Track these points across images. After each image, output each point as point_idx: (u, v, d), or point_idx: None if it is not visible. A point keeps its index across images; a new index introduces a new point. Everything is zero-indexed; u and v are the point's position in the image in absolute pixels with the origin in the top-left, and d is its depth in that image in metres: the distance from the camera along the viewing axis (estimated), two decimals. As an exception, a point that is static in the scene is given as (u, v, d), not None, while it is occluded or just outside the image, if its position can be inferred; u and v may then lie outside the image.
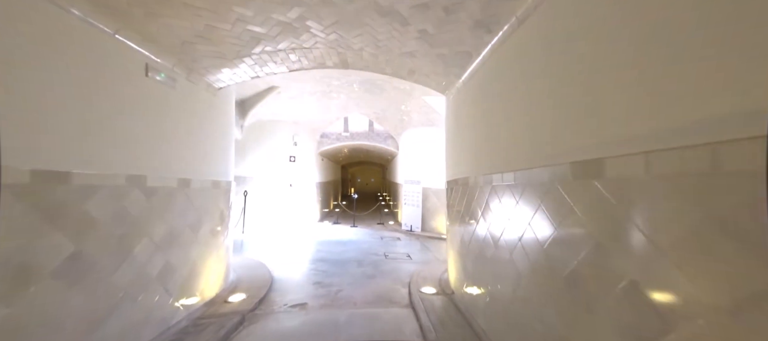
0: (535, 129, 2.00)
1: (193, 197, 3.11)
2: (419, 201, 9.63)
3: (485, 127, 2.83)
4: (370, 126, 11.59)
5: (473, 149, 3.17)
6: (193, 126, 3.21)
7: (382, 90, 7.79)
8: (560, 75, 1.71)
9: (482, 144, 2.90)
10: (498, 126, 2.56)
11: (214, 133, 3.70)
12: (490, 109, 2.75)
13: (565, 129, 1.67)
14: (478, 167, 2.99)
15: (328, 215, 12.99)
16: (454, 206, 3.91)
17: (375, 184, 26.27)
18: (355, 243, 7.63)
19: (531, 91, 2.05)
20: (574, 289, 1.55)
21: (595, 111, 1.44)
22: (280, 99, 8.32)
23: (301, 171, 10.08)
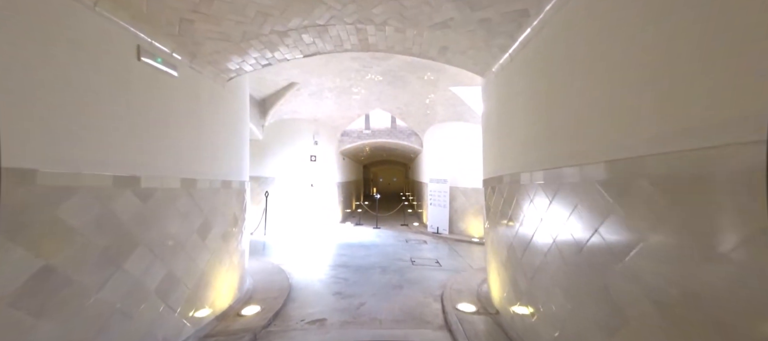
0: (631, 106, 1.37)
1: (199, 199, 2.78)
2: (446, 202, 8.95)
3: (548, 110, 2.19)
4: (392, 122, 11.08)
5: (527, 138, 2.54)
6: (199, 120, 2.89)
7: (404, 82, 7.24)
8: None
9: (543, 131, 2.27)
10: (568, 106, 1.92)
11: (224, 128, 3.38)
12: (553, 85, 2.12)
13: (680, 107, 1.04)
14: (536, 160, 2.36)
15: (350, 216, 12.68)
16: (497, 208, 3.27)
17: (398, 184, 25.76)
18: (378, 247, 7.15)
19: (626, 54, 1.42)
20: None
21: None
22: (299, 96, 8.06)
23: (322, 171, 9.81)
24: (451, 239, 8.43)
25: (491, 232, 3.54)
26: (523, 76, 2.61)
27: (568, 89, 1.91)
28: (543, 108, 2.24)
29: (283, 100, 7.96)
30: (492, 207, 3.48)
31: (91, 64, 1.80)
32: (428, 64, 5.89)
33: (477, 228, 8.71)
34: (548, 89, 2.17)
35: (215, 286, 3.05)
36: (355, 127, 11.12)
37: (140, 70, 2.17)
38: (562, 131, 1.97)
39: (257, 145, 8.78)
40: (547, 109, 2.18)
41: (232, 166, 3.57)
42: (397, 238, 8.38)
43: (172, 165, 2.48)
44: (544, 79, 2.23)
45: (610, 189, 1.52)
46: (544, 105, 2.22)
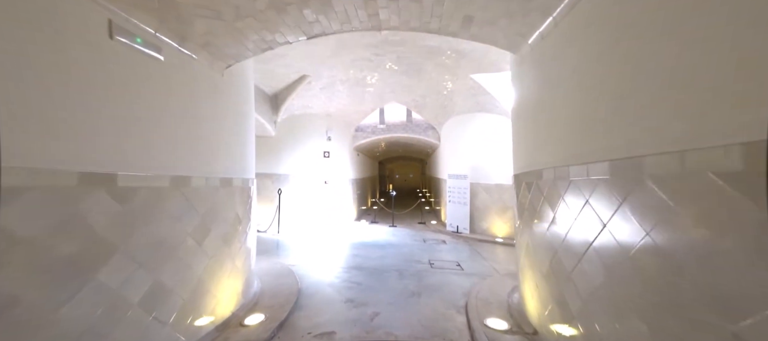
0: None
1: (194, 199, 2.50)
2: (467, 199, 8.39)
3: (617, 82, 1.67)
4: (407, 116, 10.59)
5: (581, 123, 2.02)
6: (194, 111, 2.60)
7: (421, 71, 6.74)
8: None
9: (608, 111, 1.75)
10: (658, 70, 1.40)
11: (224, 121, 3.10)
12: (625, 47, 1.59)
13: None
14: (596, 149, 1.84)
15: (365, 213, 12.38)
16: (534, 208, 2.76)
17: (414, 180, 25.24)
18: (394, 247, 6.76)
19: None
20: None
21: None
22: (311, 90, 7.78)
23: (336, 167, 9.54)
24: (473, 239, 7.88)
25: (525, 235, 3.03)
26: (574, 43, 2.08)
27: (656, 47, 1.39)
28: (608, 81, 1.72)
29: (295, 94, 7.71)
30: (526, 207, 2.97)
31: (50, 41, 1.51)
32: (446, 48, 5.37)
33: (501, 227, 8.09)
34: (617, 53, 1.65)
35: (215, 294, 2.78)
36: (369, 122, 10.75)
37: (116, 51, 1.88)
38: (648, 107, 1.44)
39: (270, 141, 8.62)
40: (616, 82, 1.66)
41: (234, 163, 3.29)
42: (414, 238, 7.95)
43: (160, 161, 2.20)
44: (608, 42, 1.71)
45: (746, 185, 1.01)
46: (612, 76, 1.70)
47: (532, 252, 2.79)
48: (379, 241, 7.40)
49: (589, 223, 1.85)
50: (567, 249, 2.11)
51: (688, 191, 1.18)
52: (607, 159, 1.68)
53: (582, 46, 1.99)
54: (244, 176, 3.53)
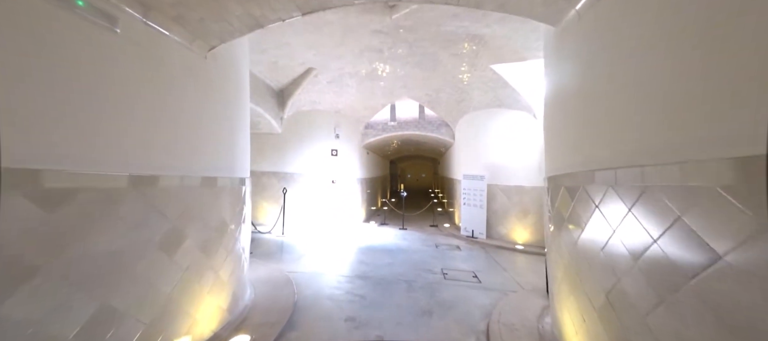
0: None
1: (161, 201, 2.09)
2: (483, 201, 7.75)
3: (717, 49, 1.09)
4: (420, 112, 10.03)
5: (651, 112, 1.44)
6: (164, 96, 2.20)
7: (435, 62, 6.17)
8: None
9: (703, 88, 1.17)
10: None
11: (208, 112, 2.69)
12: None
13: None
14: (682, 142, 1.26)
15: (374, 214, 11.92)
16: (577, 216, 2.18)
17: (426, 180, 24.59)
18: (404, 253, 6.25)
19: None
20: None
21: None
22: (318, 84, 7.37)
23: (344, 166, 9.12)
24: (490, 245, 7.25)
25: (563, 248, 2.45)
26: (637, 10, 1.49)
27: None
28: (717, 44, 1.14)
29: (301, 89, 7.33)
30: (567, 215, 2.39)
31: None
32: (464, 34, 4.79)
33: (521, 234, 7.40)
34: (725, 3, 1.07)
35: (191, 313, 2.38)
36: (379, 119, 10.26)
37: (47, 15, 1.47)
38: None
39: (276, 139, 8.30)
40: (726, 44, 1.08)
41: (221, 159, 2.88)
42: (425, 242, 7.40)
43: (112, 156, 1.80)
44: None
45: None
46: (721, 37, 1.12)
47: (577, 272, 2.21)
48: (388, 245, 6.90)
49: (683, 250, 1.27)
50: (640, 280, 1.54)
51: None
52: (726, 157, 1.10)
53: (656, 7, 1.40)
54: (235, 175, 3.12)
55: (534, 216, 7.25)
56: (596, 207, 1.95)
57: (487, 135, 7.99)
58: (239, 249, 3.16)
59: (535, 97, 6.87)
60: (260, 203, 8.23)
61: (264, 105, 7.05)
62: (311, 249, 6.27)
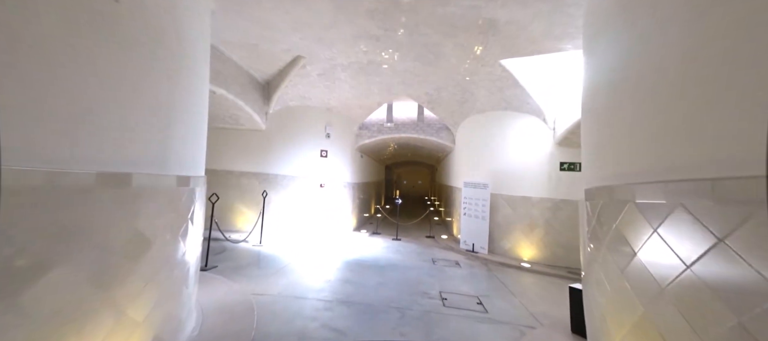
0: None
1: (57, 208, 1.31)
2: (486, 212, 7.02)
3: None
4: (418, 114, 9.34)
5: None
6: (28, 41, 1.42)
7: (437, 54, 5.48)
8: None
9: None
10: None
11: (123, 78, 1.92)
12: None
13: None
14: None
15: (366, 222, 11.11)
16: (637, 236, 1.43)
17: (422, 187, 23.89)
18: (396, 269, 5.45)
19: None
20: None
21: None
22: (307, 76, 6.63)
23: (335, 169, 8.34)
24: (492, 261, 6.50)
25: (613, 277, 1.70)
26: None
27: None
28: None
29: (288, 80, 6.58)
30: (619, 236, 1.64)
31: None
32: (473, 17, 4.09)
33: (527, 250, 6.67)
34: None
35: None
36: (374, 119, 9.55)
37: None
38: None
39: (259, 136, 7.51)
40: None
41: (148, 149, 2.10)
42: (421, 256, 6.62)
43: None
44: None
45: None
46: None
47: (633, 309, 1.45)
48: (379, 259, 6.10)
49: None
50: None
51: None
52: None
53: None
54: (169, 172, 2.33)
55: (542, 230, 6.54)
56: (682, 234, 1.20)
57: (492, 140, 7.31)
58: (176, 272, 2.36)
59: (547, 100, 6.22)
60: (238, 207, 7.39)
61: (245, 97, 6.29)
62: (290, 262, 5.45)
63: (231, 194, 7.32)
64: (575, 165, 6.39)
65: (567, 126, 5.80)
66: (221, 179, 7.32)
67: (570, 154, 6.39)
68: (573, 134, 5.87)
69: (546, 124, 6.54)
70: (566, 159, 6.44)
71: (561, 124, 6.09)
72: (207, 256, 4.53)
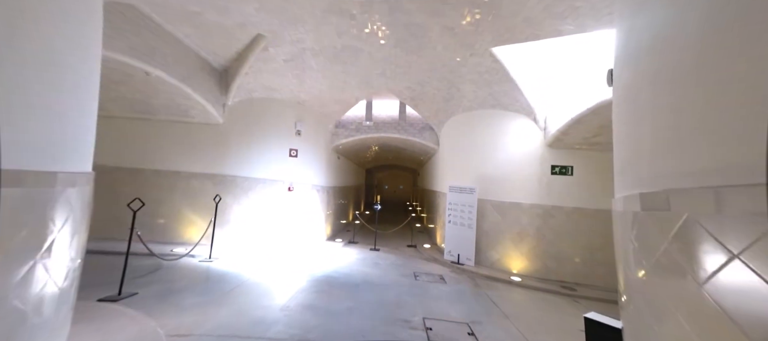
0: None
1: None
2: (472, 220, 6.40)
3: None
4: (400, 112, 8.66)
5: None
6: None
7: (422, 40, 4.80)
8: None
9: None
10: None
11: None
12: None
13: None
14: None
15: (343, 230, 10.21)
16: (712, 256, 0.74)
17: (404, 193, 23.29)
18: (372, 288, 4.63)
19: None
20: None
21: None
22: (271, 62, 5.72)
23: (306, 170, 7.41)
24: (480, 275, 5.85)
25: (679, 310, 0.99)
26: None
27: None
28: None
29: (248, 65, 5.64)
30: (690, 258, 0.95)
31: None
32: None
33: (517, 261, 6.10)
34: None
35: None
36: (352, 116, 8.74)
37: None
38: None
39: (214, 131, 6.46)
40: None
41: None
42: (401, 270, 5.84)
43: None
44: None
45: None
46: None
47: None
48: (353, 275, 5.25)
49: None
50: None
51: None
52: None
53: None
54: (17, 164, 1.37)
55: (533, 239, 6.00)
56: None
57: (480, 140, 6.74)
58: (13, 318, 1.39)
59: (538, 97, 5.73)
60: (187, 215, 6.25)
61: (195, 83, 5.26)
62: (243, 282, 4.46)
63: (177, 199, 6.18)
64: (567, 168, 5.93)
65: (559, 126, 5.32)
66: (165, 181, 6.17)
67: (561, 156, 5.94)
68: (565, 135, 5.40)
69: (536, 123, 6.06)
70: (558, 162, 5.98)
71: (552, 124, 5.61)
72: (122, 280, 3.45)
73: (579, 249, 5.73)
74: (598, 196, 5.72)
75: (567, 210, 5.84)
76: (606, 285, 5.49)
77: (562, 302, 4.81)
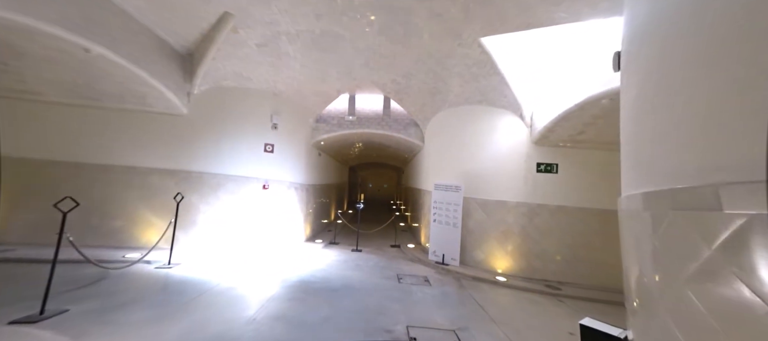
0: None
1: None
2: (458, 218, 6.20)
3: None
4: (384, 107, 8.32)
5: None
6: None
7: (408, 27, 4.49)
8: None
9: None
10: None
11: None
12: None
13: None
14: None
15: (324, 230, 9.76)
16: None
17: (388, 191, 23.04)
18: (352, 294, 4.27)
19: None
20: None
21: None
22: (242, 46, 5.19)
23: (283, 167, 6.91)
24: (465, 276, 5.65)
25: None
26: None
27: None
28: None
29: (216, 48, 5.08)
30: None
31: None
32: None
33: (502, 260, 5.97)
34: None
35: None
36: (334, 111, 8.31)
37: None
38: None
39: (177, 122, 5.82)
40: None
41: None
42: (384, 272, 5.53)
43: None
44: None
45: None
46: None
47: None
48: (331, 279, 4.87)
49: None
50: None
51: None
52: None
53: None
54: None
55: (518, 238, 5.89)
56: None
57: (466, 137, 6.54)
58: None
59: (525, 92, 5.59)
60: (145, 216, 5.58)
61: (152, 67, 4.65)
62: (207, 291, 3.96)
63: (133, 198, 5.50)
64: (552, 166, 5.86)
65: (545, 122, 5.21)
66: (117, 178, 5.46)
67: (547, 154, 5.85)
68: (551, 132, 5.30)
69: (523, 120, 5.94)
70: (543, 159, 5.89)
71: (539, 120, 5.50)
72: (46, 295, 2.85)
73: (562, 247, 5.67)
74: (581, 194, 5.69)
75: (551, 209, 5.77)
76: (589, 284, 5.46)
77: (547, 303, 4.69)
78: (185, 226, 5.67)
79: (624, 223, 1.79)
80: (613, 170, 5.81)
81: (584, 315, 4.43)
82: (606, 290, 5.28)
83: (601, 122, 4.66)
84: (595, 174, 5.62)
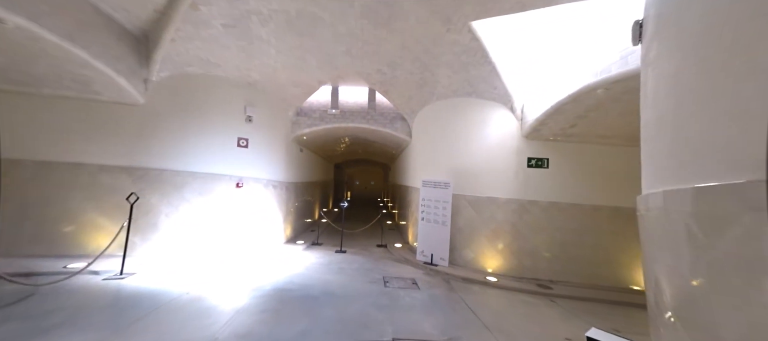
0: None
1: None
2: (447, 216, 5.90)
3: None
4: (369, 100, 7.89)
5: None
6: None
7: (393, 12, 4.08)
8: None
9: None
10: None
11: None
12: None
13: None
14: None
15: (307, 230, 9.25)
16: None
17: (375, 188, 22.67)
18: (334, 302, 3.86)
19: None
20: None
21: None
22: (207, 26, 4.61)
23: (260, 164, 6.36)
24: (455, 277, 5.36)
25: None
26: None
27: None
28: None
29: (173, 29, 4.47)
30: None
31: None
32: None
33: (492, 259, 5.74)
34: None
35: None
36: (316, 103, 7.79)
37: None
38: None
39: (133, 113, 5.15)
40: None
41: None
42: (369, 275, 5.14)
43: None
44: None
45: None
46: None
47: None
48: (311, 286, 4.43)
49: None
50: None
51: None
52: None
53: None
54: None
55: (508, 236, 5.67)
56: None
57: (455, 132, 6.24)
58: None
59: (516, 83, 5.34)
60: (94, 219, 4.89)
61: (94, 47, 3.99)
62: (162, 306, 3.42)
63: (79, 199, 4.80)
64: (543, 161, 5.66)
65: (537, 115, 4.97)
66: (59, 176, 4.75)
67: (538, 148, 5.64)
68: (543, 125, 5.08)
69: (513, 113, 5.70)
70: (534, 154, 5.68)
71: (530, 113, 5.26)
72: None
73: (553, 245, 5.50)
74: (573, 190, 5.52)
75: (543, 205, 5.58)
76: (580, 282, 5.32)
77: (540, 304, 4.47)
78: (144, 230, 5.04)
79: (650, 224, 1.48)
80: (604, 165, 5.74)
81: (578, 316, 4.24)
82: (597, 288, 5.14)
83: (593, 114, 4.46)
84: (585, 169, 5.47)
